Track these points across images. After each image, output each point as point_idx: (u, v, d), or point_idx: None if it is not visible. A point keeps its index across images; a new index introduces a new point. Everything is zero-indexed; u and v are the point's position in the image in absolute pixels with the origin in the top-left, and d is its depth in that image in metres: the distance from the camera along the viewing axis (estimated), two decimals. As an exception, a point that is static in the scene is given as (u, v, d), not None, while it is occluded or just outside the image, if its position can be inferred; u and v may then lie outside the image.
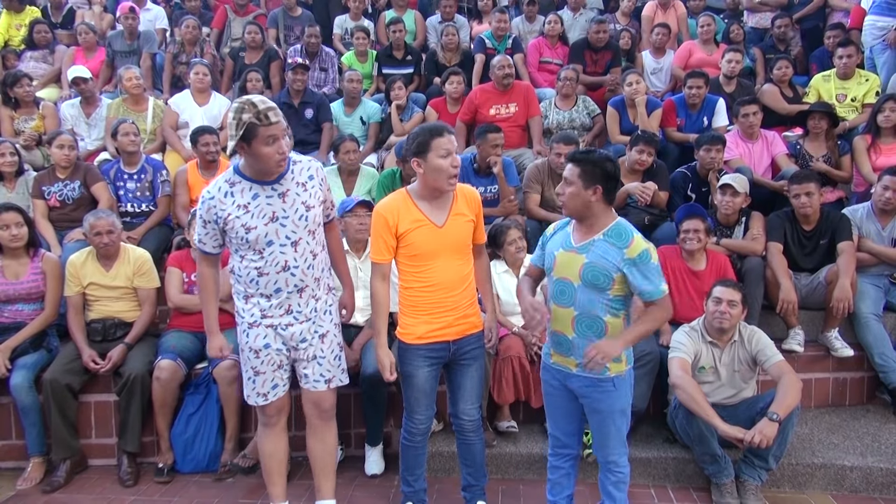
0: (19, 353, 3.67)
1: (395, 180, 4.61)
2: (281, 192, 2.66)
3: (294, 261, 2.69)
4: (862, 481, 3.37)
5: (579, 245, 2.54)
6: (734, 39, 6.66)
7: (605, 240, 2.49)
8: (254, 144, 2.50)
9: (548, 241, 2.70)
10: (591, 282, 2.49)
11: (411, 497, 2.98)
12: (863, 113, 5.40)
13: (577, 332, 2.55)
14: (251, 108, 2.47)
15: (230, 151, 2.55)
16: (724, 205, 4.16)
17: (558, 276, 2.58)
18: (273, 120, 2.49)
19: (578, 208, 2.51)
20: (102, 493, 3.48)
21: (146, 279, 3.86)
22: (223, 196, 2.63)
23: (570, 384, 2.63)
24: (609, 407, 2.57)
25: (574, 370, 2.59)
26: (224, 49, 6.94)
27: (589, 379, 2.56)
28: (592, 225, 2.53)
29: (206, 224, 2.67)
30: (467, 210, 2.77)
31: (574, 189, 2.48)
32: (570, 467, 2.81)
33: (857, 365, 4.04)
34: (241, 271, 2.72)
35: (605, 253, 2.47)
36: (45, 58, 6.55)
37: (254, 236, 2.63)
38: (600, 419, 2.61)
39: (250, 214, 2.62)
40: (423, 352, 2.76)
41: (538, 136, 5.55)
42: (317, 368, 2.83)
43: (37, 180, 4.53)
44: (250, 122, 2.46)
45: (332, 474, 3.04)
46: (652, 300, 2.49)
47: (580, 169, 2.47)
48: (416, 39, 7.08)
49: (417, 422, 2.85)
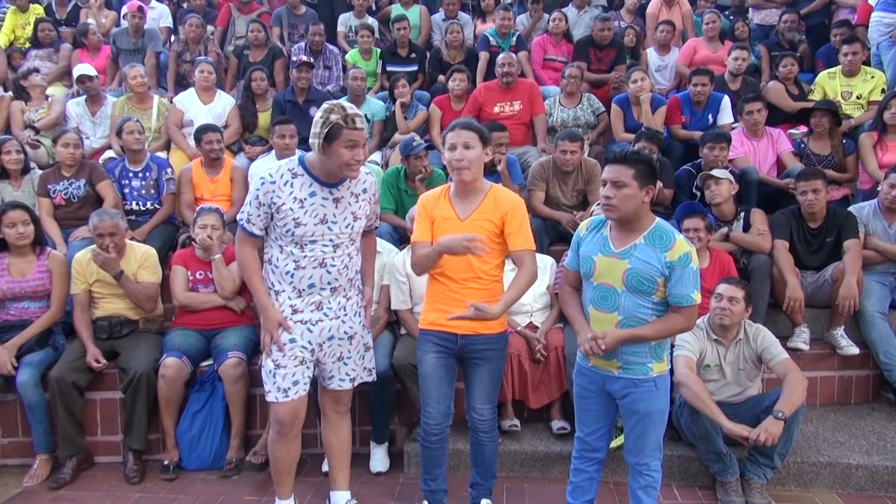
0: (25, 351, 3.68)
1: (399, 178, 4.61)
2: (336, 197, 2.73)
3: (332, 260, 2.74)
4: (867, 479, 3.36)
5: (620, 250, 2.46)
6: (739, 36, 6.65)
7: (646, 244, 2.42)
8: (334, 145, 2.58)
9: (582, 243, 2.60)
10: (635, 287, 2.43)
11: (429, 496, 2.97)
12: (868, 110, 5.38)
13: None
14: (340, 110, 2.57)
15: (316, 147, 2.62)
16: (711, 196, 4.17)
17: (599, 282, 2.50)
18: (358, 126, 2.59)
19: (632, 211, 2.41)
20: (108, 491, 3.49)
21: (148, 272, 3.86)
22: (283, 184, 2.67)
23: (609, 387, 2.56)
24: (649, 407, 2.51)
25: (616, 373, 2.52)
26: (228, 47, 6.94)
27: (631, 380, 2.50)
28: (635, 228, 2.45)
29: (261, 206, 2.69)
30: (495, 212, 2.76)
31: (630, 191, 2.38)
32: (594, 472, 2.75)
33: (862, 363, 4.03)
34: (279, 262, 2.74)
35: (648, 258, 2.41)
36: (49, 56, 6.55)
37: (301, 232, 2.68)
38: (639, 420, 2.54)
39: (304, 210, 2.67)
40: (430, 337, 2.82)
41: (542, 134, 5.55)
42: (343, 368, 2.90)
43: (42, 178, 4.55)
44: (336, 123, 2.55)
45: (346, 466, 3.09)
46: (680, 306, 2.43)
47: (635, 170, 2.39)
48: (420, 36, 7.08)
49: (429, 416, 2.83)
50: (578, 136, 4.62)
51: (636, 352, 2.49)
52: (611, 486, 3.43)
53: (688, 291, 2.40)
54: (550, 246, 4.50)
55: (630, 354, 2.49)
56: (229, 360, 3.58)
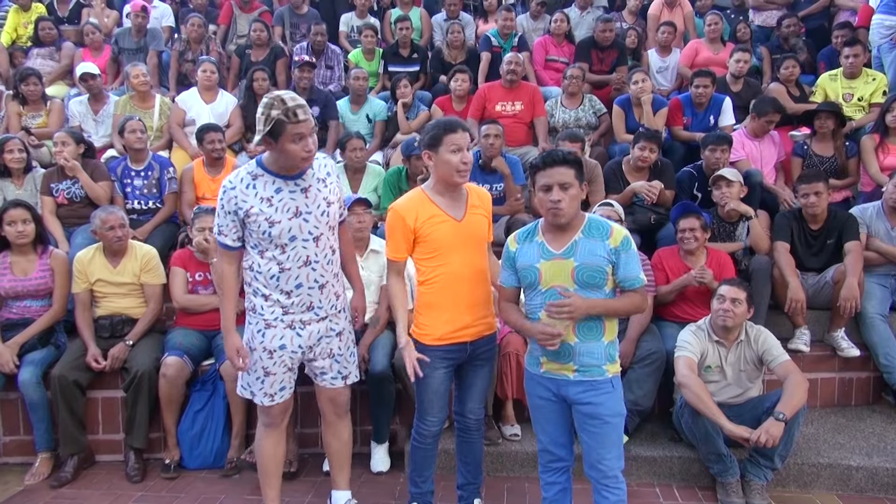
0: (27, 350, 3.69)
1: (401, 178, 4.62)
2: (304, 187, 2.66)
3: (315, 256, 2.69)
4: (868, 481, 3.37)
5: (562, 251, 2.45)
6: (741, 38, 6.65)
7: (586, 237, 2.43)
8: (280, 141, 2.51)
9: (517, 257, 2.54)
10: (586, 282, 2.41)
11: (418, 498, 2.97)
12: (870, 112, 5.38)
13: (580, 336, 2.44)
14: (280, 104, 2.48)
15: (255, 144, 2.57)
16: (721, 197, 4.15)
17: (548, 286, 2.46)
18: (301, 118, 2.49)
19: (575, 211, 2.43)
20: (109, 489, 3.49)
21: (152, 275, 3.87)
22: (245, 187, 2.61)
23: (565, 392, 2.50)
24: (610, 410, 2.45)
25: (572, 376, 2.47)
26: (230, 46, 6.93)
27: (588, 382, 2.45)
28: (571, 227, 2.45)
29: (227, 215, 2.63)
30: (481, 206, 2.78)
31: (575, 191, 2.41)
32: (565, 481, 2.68)
33: (862, 365, 4.04)
34: (262, 268, 2.68)
35: (592, 249, 2.41)
36: (51, 55, 6.55)
37: (277, 231, 2.61)
38: (600, 426, 2.46)
39: (274, 208, 2.61)
40: (440, 353, 2.71)
41: (543, 134, 5.56)
42: (335, 366, 2.87)
43: (45, 177, 4.55)
44: (278, 119, 2.47)
45: (347, 467, 3.09)
46: (634, 288, 2.45)
47: (575, 170, 2.42)
48: (422, 37, 7.08)
49: (430, 424, 2.82)
50: (579, 136, 4.63)
51: (591, 352, 2.45)
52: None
53: (636, 273, 2.44)
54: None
55: (585, 356, 2.45)
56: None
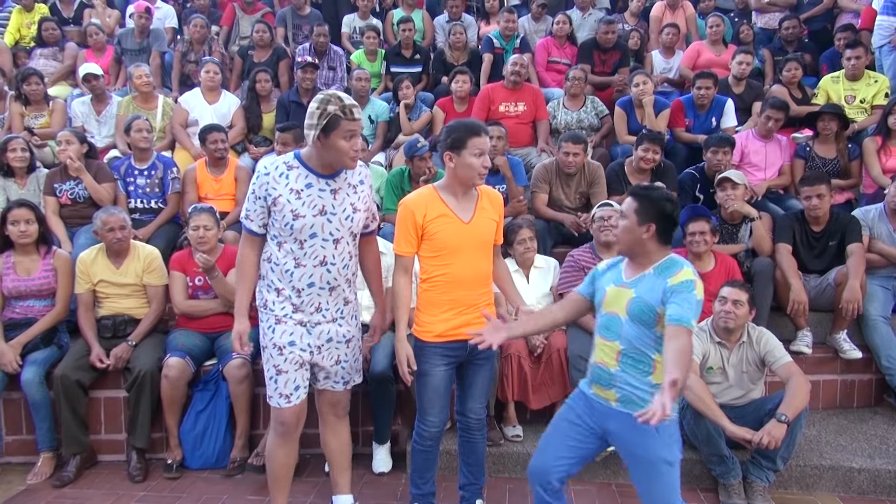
0: (30, 349, 3.69)
1: (403, 179, 4.62)
2: (334, 188, 2.67)
3: (332, 258, 2.69)
4: (870, 483, 3.37)
5: (630, 280, 2.42)
6: (744, 40, 6.65)
7: (655, 274, 2.37)
8: (332, 136, 2.53)
9: (599, 277, 2.57)
10: (637, 316, 2.36)
11: (419, 499, 2.97)
12: (872, 114, 5.39)
13: (622, 366, 2.38)
14: (337, 101, 2.51)
15: (311, 139, 2.56)
16: (726, 199, 4.15)
17: (606, 311, 2.47)
18: (356, 116, 2.53)
19: (630, 244, 2.41)
20: (112, 489, 3.50)
21: (155, 276, 3.88)
22: (278, 175, 2.63)
23: (607, 425, 2.43)
24: (650, 454, 2.30)
25: (614, 405, 2.39)
26: (232, 47, 6.94)
27: (629, 416, 2.26)
28: (644, 262, 2.42)
29: (257, 200, 2.65)
30: (491, 209, 2.79)
31: (628, 223, 2.39)
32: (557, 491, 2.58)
33: (865, 367, 4.04)
34: (279, 260, 2.68)
35: (653, 285, 2.34)
36: (54, 55, 6.57)
37: (300, 224, 2.62)
38: (642, 469, 2.35)
39: (301, 202, 2.62)
40: (440, 350, 2.74)
41: (544, 137, 5.57)
42: (339, 372, 2.85)
43: (49, 177, 4.56)
44: (334, 114, 2.50)
45: (348, 469, 3.06)
46: (678, 324, 2.20)
47: (637, 204, 2.39)
48: (424, 38, 7.09)
49: (430, 424, 2.82)
50: (581, 138, 4.63)
51: (632, 384, 2.35)
52: (613, 488, 3.44)
53: (687, 315, 2.21)
54: (554, 248, 4.51)
55: (626, 386, 2.36)
56: (234, 361, 3.59)
